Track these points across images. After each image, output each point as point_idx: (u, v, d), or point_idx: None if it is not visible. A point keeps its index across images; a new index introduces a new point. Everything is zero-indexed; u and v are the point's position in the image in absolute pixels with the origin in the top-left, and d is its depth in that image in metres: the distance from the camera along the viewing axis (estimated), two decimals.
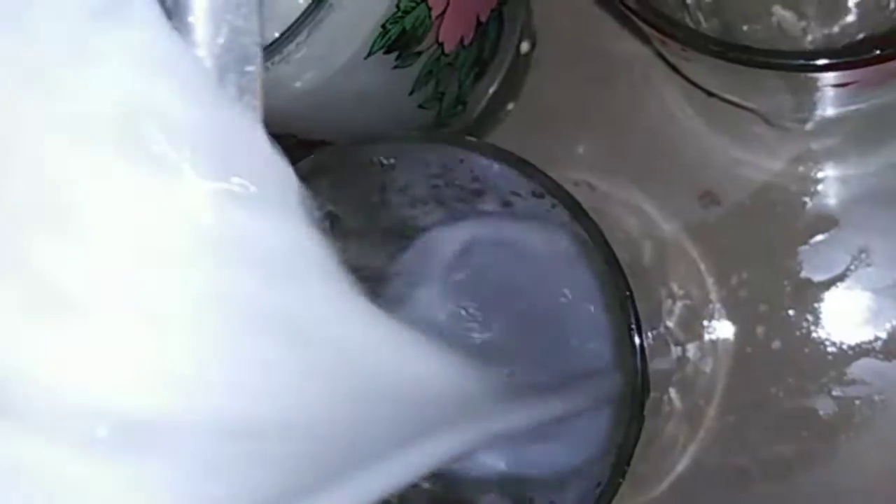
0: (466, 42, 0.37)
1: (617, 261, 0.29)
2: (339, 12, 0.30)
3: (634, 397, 0.29)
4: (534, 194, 0.32)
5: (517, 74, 0.46)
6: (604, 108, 0.47)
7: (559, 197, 0.30)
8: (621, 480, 0.29)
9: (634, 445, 0.28)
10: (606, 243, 0.29)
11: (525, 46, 0.45)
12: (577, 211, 0.30)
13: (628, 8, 0.29)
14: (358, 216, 0.35)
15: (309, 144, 0.37)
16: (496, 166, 0.31)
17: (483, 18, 0.37)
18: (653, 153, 0.46)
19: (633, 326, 0.29)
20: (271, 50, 0.29)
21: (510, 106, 0.47)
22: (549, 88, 0.47)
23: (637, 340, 0.29)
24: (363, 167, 0.33)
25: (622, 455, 0.28)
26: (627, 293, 0.29)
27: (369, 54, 0.32)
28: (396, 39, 0.33)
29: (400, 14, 0.32)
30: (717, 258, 0.45)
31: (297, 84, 0.31)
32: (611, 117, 0.46)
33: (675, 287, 0.45)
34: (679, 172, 0.45)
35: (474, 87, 0.39)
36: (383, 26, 0.32)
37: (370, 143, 0.32)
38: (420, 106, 0.37)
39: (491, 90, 0.41)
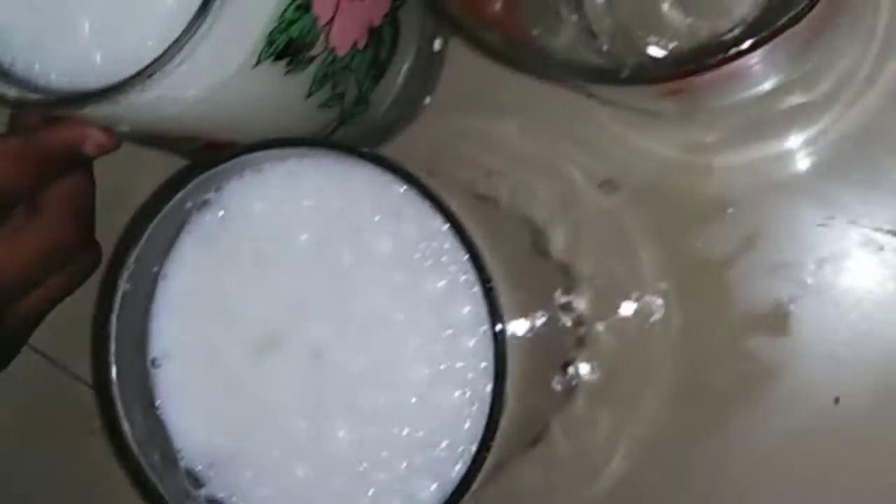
0: (360, 46, 0.39)
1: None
2: (221, 26, 0.32)
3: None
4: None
5: (432, 70, 0.48)
6: (515, 97, 0.49)
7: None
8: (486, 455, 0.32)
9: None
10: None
11: (437, 44, 0.48)
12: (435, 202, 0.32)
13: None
14: None
15: (216, 146, 0.39)
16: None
17: (376, 23, 0.40)
18: (559, 141, 0.48)
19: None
20: (153, 65, 0.31)
21: (427, 100, 0.49)
22: (462, 81, 0.49)
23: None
24: None
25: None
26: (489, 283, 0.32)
27: (258, 63, 0.35)
28: (284, 48, 0.35)
29: (285, 25, 0.35)
30: (619, 241, 0.47)
31: (190, 93, 0.34)
32: (522, 107, 0.49)
33: (580, 269, 0.48)
34: (582, 161, 0.48)
35: (375, 87, 0.42)
36: (269, 36, 0.34)
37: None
38: (321, 106, 0.39)
39: (395, 88, 0.43)
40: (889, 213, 0.44)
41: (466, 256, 0.34)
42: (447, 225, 0.35)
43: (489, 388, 0.34)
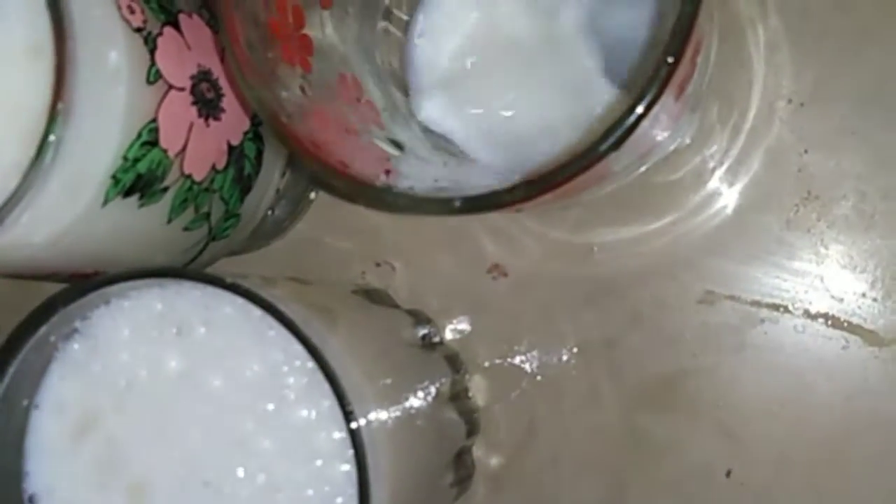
0: (220, 167, 0.39)
1: None
2: (59, 174, 0.32)
3: None
4: None
5: None
6: None
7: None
8: None
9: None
10: None
11: (312, 195, 0.49)
12: None
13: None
14: None
15: (83, 275, 0.39)
16: None
17: (235, 142, 0.40)
18: (445, 229, 0.48)
19: None
20: None
21: (312, 195, 0.49)
22: None
23: None
24: None
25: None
26: None
27: (106, 202, 0.35)
28: (133, 185, 0.35)
29: (129, 164, 0.35)
30: (509, 326, 0.48)
31: (37, 239, 0.34)
32: None
33: (470, 356, 0.48)
34: (469, 247, 0.48)
35: (244, 201, 0.42)
36: (114, 177, 0.35)
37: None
38: (185, 228, 0.40)
39: (267, 198, 0.44)
40: (766, 286, 0.44)
41: (328, 386, 0.34)
42: (307, 353, 0.35)
43: None
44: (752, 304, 0.45)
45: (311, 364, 0.35)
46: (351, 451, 0.35)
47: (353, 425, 0.34)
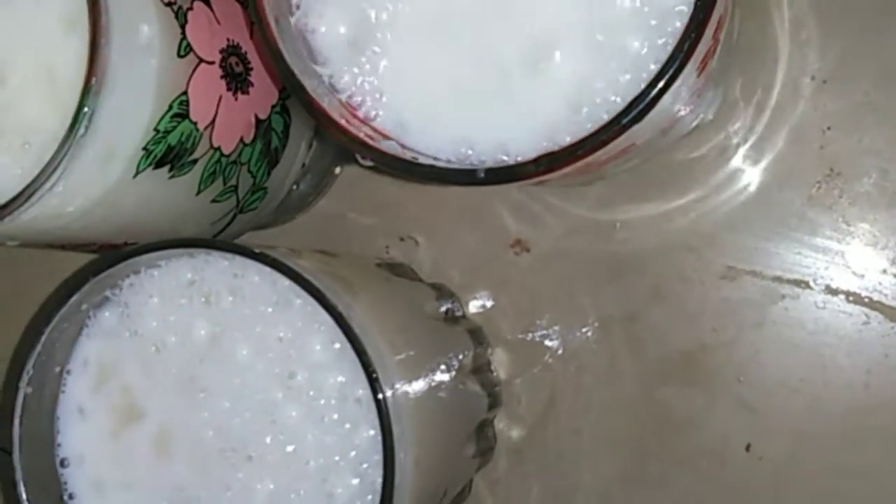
0: (248, 140, 0.40)
1: None
2: (91, 146, 0.33)
3: None
4: None
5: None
6: None
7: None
8: None
9: None
10: None
11: (338, 170, 0.49)
12: None
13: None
14: None
15: (113, 246, 0.40)
16: None
17: (263, 116, 0.40)
18: (469, 204, 0.49)
19: None
20: (27, 190, 0.32)
21: (338, 170, 0.50)
22: None
23: None
24: None
25: None
26: None
27: (137, 174, 0.36)
28: (163, 157, 0.36)
29: (161, 135, 0.35)
30: (531, 301, 0.48)
31: (70, 209, 0.35)
32: None
33: (493, 330, 0.48)
34: (492, 223, 0.48)
35: (271, 174, 0.42)
36: (145, 148, 0.35)
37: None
38: (214, 200, 0.40)
39: (294, 170, 0.44)
40: (788, 261, 0.45)
41: (353, 354, 0.35)
42: (333, 322, 0.35)
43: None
44: (773, 280, 0.45)
45: (336, 332, 0.36)
46: (376, 416, 0.35)
47: (378, 391, 0.35)
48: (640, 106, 0.30)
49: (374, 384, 0.35)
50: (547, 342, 0.48)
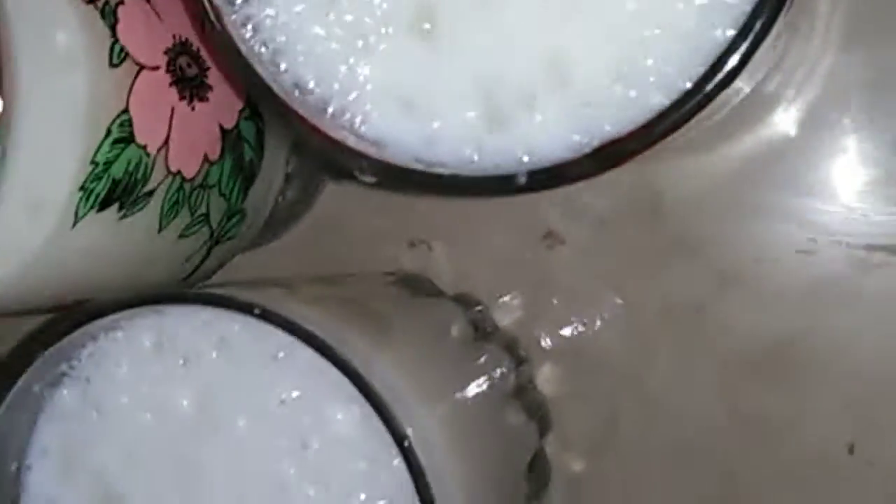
0: (214, 157, 0.32)
1: None
2: (11, 195, 0.26)
3: None
4: None
5: None
6: None
7: None
8: None
9: None
10: None
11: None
12: None
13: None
14: None
15: (62, 308, 0.33)
16: None
17: (229, 125, 0.33)
18: (491, 202, 0.42)
19: None
20: None
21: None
22: None
23: None
24: None
25: None
26: None
27: (76, 222, 0.28)
28: (108, 195, 0.28)
29: (101, 169, 0.28)
30: (573, 301, 0.41)
31: None
32: None
33: (533, 341, 0.41)
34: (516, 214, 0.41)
35: (248, 193, 0.35)
36: (83, 188, 0.28)
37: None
38: (182, 236, 0.33)
39: (277, 183, 0.37)
40: (878, 225, 0.37)
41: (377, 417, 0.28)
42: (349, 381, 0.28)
43: None
44: (864, 249, 0.37)
45: (354, 391, 0.28)
46: (413, 488, 0.28)
47: (414, 462, 0.28)
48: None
49: (408, 455, 0.27)
50: (597, 347, 0.41)
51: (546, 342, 0.41)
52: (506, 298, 0.41)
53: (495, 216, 0.41)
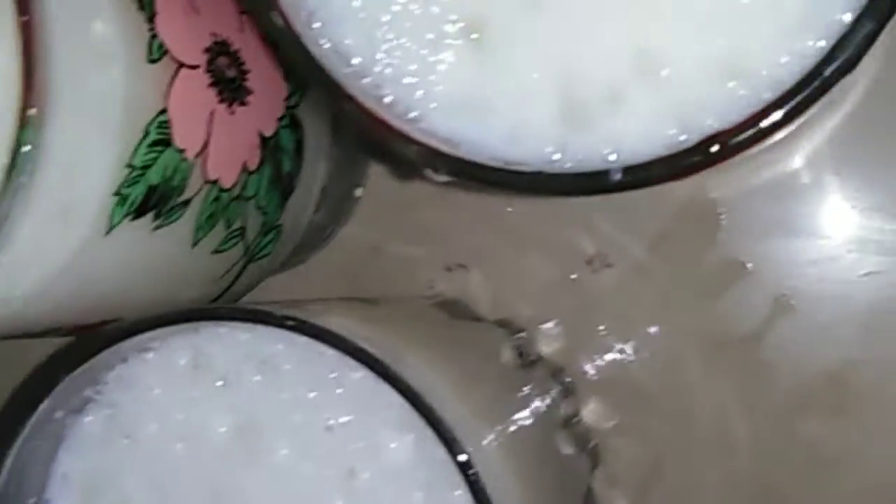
0: (253, 166, 0.30)
1: None
2: (41, 200, 0.23)
3: None
4: None
5: (357, 159, 0.39)
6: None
7: None
8: None
9: None
10: None
11: (359, 191, 0.40)
12: None
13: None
14: None
15: (86, 328, 0.30)
16: None
17: (268, 132, 0.31)
18: (528, 217, 0.39)
19: None
20: None
21: (358, 192, 0.40)
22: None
23: None
24: None
25: None
26: None
27: (111, 230, 0.26)
28: (144, 201, 0.26)
29: (137, 173, 0.25)
30: (621, 326, 0.38)
31: (18, 291, 0.25)
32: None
33: (578, 370, 0.39)
34: (561, 237, 0.39)
35: (285, 206, 0.33)
36: (118, 193, 0.25)
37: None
38: (216, 251, 0.30)
39: (314, 197, 0.34)
40: None
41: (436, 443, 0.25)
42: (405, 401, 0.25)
43: None
44: None
45: (405, 411, 0.26)
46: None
47: (479, 489, 0.25)
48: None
49: (474, 484, 0.25)
50: (645, 376, 0.38)
51: (591, 372, 0.39)
52: (548, 325, 0.39)
53: (536, 238, 0.39)
